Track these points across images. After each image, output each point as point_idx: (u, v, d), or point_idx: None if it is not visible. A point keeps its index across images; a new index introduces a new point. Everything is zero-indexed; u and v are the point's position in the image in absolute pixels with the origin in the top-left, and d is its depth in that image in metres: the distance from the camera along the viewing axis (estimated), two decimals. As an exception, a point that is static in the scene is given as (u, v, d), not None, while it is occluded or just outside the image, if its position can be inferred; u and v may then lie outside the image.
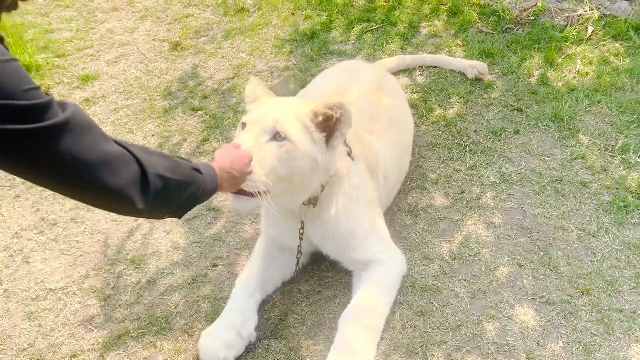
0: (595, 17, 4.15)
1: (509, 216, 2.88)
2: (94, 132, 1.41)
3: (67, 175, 1.37)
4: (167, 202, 1.61)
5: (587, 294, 2.50)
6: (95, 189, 1.41)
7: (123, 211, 1.55)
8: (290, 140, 2.11)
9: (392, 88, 3.16)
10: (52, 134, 1.29)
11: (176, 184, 1.61)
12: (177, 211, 1.76)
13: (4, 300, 2.65)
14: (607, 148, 3.22)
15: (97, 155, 1.39)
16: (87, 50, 4.45)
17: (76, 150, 1.34)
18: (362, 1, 4.74)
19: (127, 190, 1.45)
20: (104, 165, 1.40)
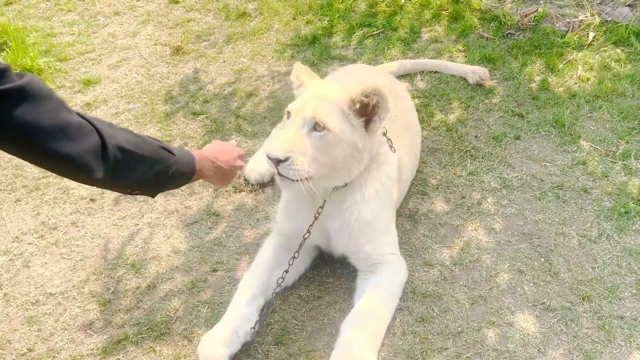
0: (596, 23, 4.15)
1: (510, 222, 2.88)
2: (52, 101, 1.45)
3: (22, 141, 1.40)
4: (129, 174, 1.64)
5: (588, 301, 2.49)
6: (50, 155, 1.45)
7: (82, 179, 1.59)
8: (329, 129, 2.19)
9: (402, 91, 3.18)
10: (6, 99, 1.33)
11: (139, 158, 1.64)
12: (146, 188, 1.79)
13: (4, 305, 2.65)
14: (608, 154, 3.21)
15: (53, 122, 1.43)
16: (88, 55, 4.46)
17: (30, 116, 1.38)
18: (363, 6, 4.75)
19: (84, 158, 1.49)
20: (59, 133, 1.43)
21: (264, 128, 3.57)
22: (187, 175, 1.88)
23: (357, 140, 2.27)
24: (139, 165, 1.65)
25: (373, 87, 2.22)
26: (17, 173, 3.34)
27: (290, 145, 2.17)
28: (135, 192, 1.79)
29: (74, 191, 3.21)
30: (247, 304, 2.42)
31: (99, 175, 1.54)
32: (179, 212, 3.07)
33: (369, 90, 2.22)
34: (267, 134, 3.46)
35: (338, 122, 2.22)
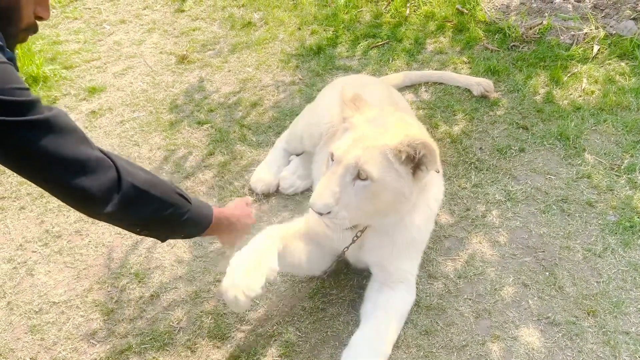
0: (601, 36, 4.16)
1: (515, 235, 2.87)
2: (76, 135, 1.52)
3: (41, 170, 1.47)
4: (140, 213, 1.67)
5: (593, 316, 2.48)
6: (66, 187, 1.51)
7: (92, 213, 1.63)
8: (373, 179, 2.09)
9: (403, 103, 3.17)
10: (33, 129, 1.40)
11: (152, 198, 1.67)
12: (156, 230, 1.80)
13: (7, 313, 2.64)
14: (613, 167, 3.21)
15: (74, 155, 1.49)
16: (94, 62, 4.47)
17: (53, 148, 1.44)
18: (368, 17, 4.76)
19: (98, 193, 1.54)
20: (79, 166, 1.50)
21: (269, 138, 3.57)
22: (200, 225, 1.89)
23: (403, 187, 2.16)
24: (151, 206, 1.68)
25: (421, 140, 2.09)
26: (22, 181, 3.34)
27: (332, 197, 2.09)
28: (144, 232, 1.81)
29: (79, 199, 3.21)
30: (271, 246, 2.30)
31: (110, 209, 1.58)
32: (183, 221, 3.07)
33: (415, 143, 2.08)
34: (271, 144, 3.47)
35: (383, 171, 2.10)
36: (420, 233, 2.48)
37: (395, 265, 2.46)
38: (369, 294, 2.50)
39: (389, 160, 2.11)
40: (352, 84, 3.22)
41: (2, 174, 3.40)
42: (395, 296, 2.44)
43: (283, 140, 3.37)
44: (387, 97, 3.00)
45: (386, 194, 2.15)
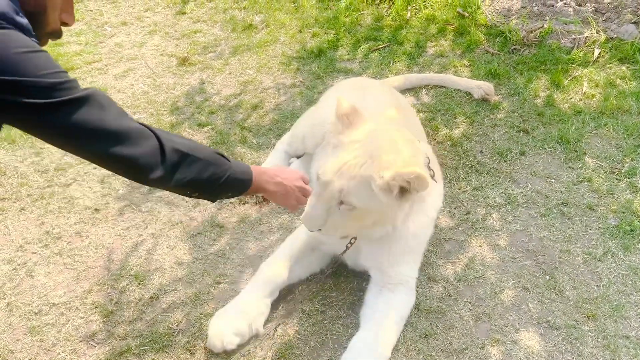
0: (601, 40, 4.16)
1: (515, 238, 2.87)
2: (115, 108, 1.63)
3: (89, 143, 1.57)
4: (186, 175, 1.77)
5: (593, 320, 2.48)
6: (114, 157, 1.61)
7: (142, 179, 1.73)
8: (356, 207, 2.16)
9: (407, 107, 3.18)
10: (78, 106, 1.51)
11: (194, 159, 1.78)
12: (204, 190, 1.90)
13: (7, 314, 2.64)
14: (614, 171, 3.21)
15: (117, 127, 1.59)
16: (95, 64, 4.48)
17: (99, 122, 1.55)
18: (369, 20, 4.77)
19: (145, 159, 1.65)
20: (123, 136, 1.60)
21: (269, 140, 3.58)
22: (245, 183, 1.96)
23: (387, 209, 2.20)
24: (195, 167, 1.78)
25: (414, 174, 2.06)
26: (22, 182, 3.35)
27: (320, 219, 2.21)
28: (195, 194, 1.91)
29: (79, 201, 3.21)
30: (264, 296, 2.50)
31: (158, 174, 1.69)
32: (183, 223, 3.07)
33: (409, 177, 2.06)
34: (271, 146, 3.47)
35: (366, 201, 2.14)
36: (417, 239, 2.49)
37: (394, 270, 2.47)
38: (369, 297, 2.50)
39: (375, 190, 2.11)
40: (355, 86, 3.26)
41: (2, 175, 3.40)
42: (394, 299, 2.43)
43: (284, 142, 3.37)
44: (391, 100, 3.00)
45: (371, 215, 2.24)
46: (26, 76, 1.44)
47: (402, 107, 3.00)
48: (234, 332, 2.38)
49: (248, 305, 2.47)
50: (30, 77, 1.44)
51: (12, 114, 1.48)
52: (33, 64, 1.46)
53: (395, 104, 2.95)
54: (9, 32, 1.45)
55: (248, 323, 2.42)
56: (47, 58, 1.51)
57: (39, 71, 1.46)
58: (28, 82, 1.44)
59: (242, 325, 2.40)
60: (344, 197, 2.14)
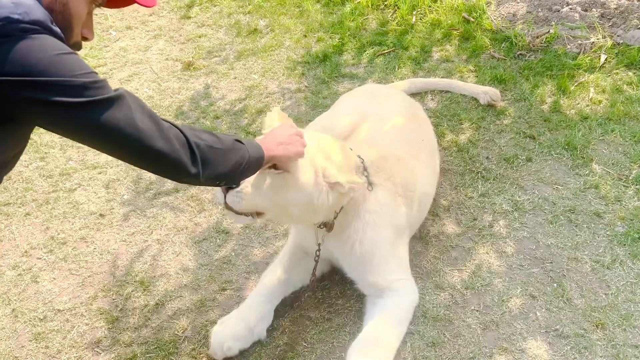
0: (608, 45, 4.15)
1: (522, 246, 2.85)
2: (145, 107, 1.67)
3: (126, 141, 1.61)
4: (215, 167, 1.82)
5: (601, 328, 2.46)
6: (151, 153, 1.65)
7: (177, 175, 1.77)
8: (289, 171, 2.13)
9: (420, 113, 3.17)
10: (105, 105, 1.56)
11: (218, 152, 1.83)
12: (230, 178, 1.96)
13: (12, 320, 2.64)
14: (621, 178, 3.19)
15: (151, 124, 1.64)
16: (100, 68, 4.48)
17: (132, 120, 1.60)
18: (374, 25, 4.76)
19: (179, 155, 1.69)
20: (158, 133, 1.65)
21: (275, 145, 3.56)
22: (260, 161, 2.01)
23: (313, 197, 2.18)
24: (220, 159, 1.83)
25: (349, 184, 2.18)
26: (27, 187, 3.34)
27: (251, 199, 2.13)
28: (222, 183, 2.00)
29: (84, 206, 3.20)
30: (265, 301, 2.48)
31: (193, 170, 1.73)
32: (188, 229, 3.06)
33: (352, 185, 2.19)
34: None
35: (301, 170, 2.15)
36: (365, 247, 2.42)
37: (366, 279, 2.47)
38: (367, 306, 2.51)
39: (315, 171, 2.19)
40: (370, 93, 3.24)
41: (7, 180, 3.40)
42: (386, 303, 2.42)
43: None
44: (407, 108, 3.03)
45: (297, 193, 2.16)
46: (61, 76, 1.50)
47: (415, 116, 3.02)
48: (234, 337, 2.37)
49: (248, 310, 2.46)
50: (65, 77, 1.51)
51: (47, 114, 1.54)
52: (68, 65, 1.53)
53: (410, 113, 2.98)
54: (46, 37, 1.53)
55: (248, 327, 2.40)
56: (79, 59, 1.58)
57: (73, 72, 1.52)
58: (64, 82, 1.50)
59: (241, 329, 2.39)
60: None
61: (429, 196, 2.84)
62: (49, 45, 1.53)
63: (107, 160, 3.52)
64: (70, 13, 1.68)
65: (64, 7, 1.67)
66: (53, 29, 1.57)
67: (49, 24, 1.56)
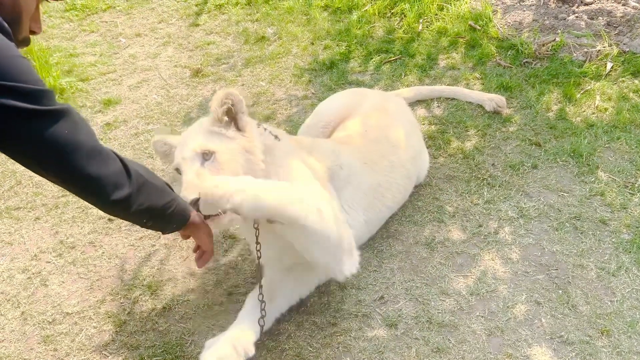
0: (614, 53, 4.16)
1: (527, 252, 2.86)
2: (87, 127, 1.62)
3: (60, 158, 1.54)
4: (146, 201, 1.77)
5: (607, 335, 2.46)
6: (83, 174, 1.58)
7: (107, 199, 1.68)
8: (215, 150, 2.27)
9: (393, 109, 3.24)
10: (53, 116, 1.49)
11: (152, 186, 1.79)
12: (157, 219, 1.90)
13: (21, 323, 2.67)
14: (627, 185, 3.20)
15: (90, 145, 1.58)
16: (110, 75, 4.54)
17: (72, 137, 1.53)
18: (380, 32, 4.80)
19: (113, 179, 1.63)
20: (94, 154, 1.59)
21: (281, 152, 3.59)
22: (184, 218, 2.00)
23: (240, 143, 2.34)
24: (153, 193, 1.80)
25: (224, 91, 2.34)
26: (37, 191, 3.38)
27: (193, 184, 2.19)
28: (149, 223, 1.91)
29: (93, 210, 3.24)
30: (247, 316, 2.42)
31: (124, 194, 1.67)
32: (196, 234, 3.09)
33: (221, 97, 2.32)
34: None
35: (217, 141, 2.31)
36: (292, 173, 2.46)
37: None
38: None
39: (215, 132, 2.33)
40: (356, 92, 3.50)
41: (17, 185, 3.45)
42: None
43: None
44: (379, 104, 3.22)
45: (234, 156, 2.30)
46: (15, 80, 1.43)
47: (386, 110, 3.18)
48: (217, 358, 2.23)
49: (232, 328, 2.37)
50: (19, 82, 1.43)
51: None
52: (24, 70, 1.47)
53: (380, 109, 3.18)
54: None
55: (232, 345, 2.27)
56: (31, 66, 1.53)
57: (26, 77, 1.46)
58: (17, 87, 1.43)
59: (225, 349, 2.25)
60: (201, 146, 2.27)
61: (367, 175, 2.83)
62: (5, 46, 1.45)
63: (116, 165, 3.56)
64: (20, 6, 1.62)
65: (14, 1, 1.60)
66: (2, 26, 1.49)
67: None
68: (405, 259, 2.86)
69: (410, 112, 3.40)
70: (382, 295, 2.68)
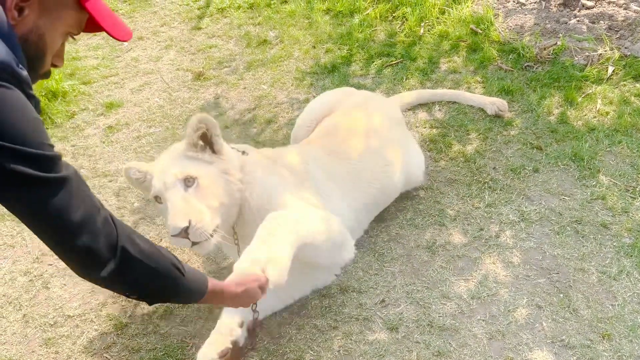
0: (615, 57, 4.16)
1: (528, 256, 2.86)
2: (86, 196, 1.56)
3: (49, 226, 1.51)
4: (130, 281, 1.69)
5: (608, 339, 2.46)
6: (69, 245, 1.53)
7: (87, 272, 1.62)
8: (196, 176, 2.30)
9: (377, 107, 3.28)
10: (53, 185, 1.46)
11: (145, 268, 1.68)
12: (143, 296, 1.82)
13: (23, 326, 2.68)
14: (628, 189, 3.20)
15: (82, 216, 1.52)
16: (112, 78, 4.55)
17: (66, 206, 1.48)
18: (382, 36, 4.81)
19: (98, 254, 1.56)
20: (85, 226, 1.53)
21: (283, 155, 3.60)
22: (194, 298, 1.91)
23: (218, 166, 2.39)
24: (144, 275, 1.70)
25: (196, 117, 2.37)
26: (40, 194, 3.40)
27: (183, 211, 2.21)
28: (133, 296, 1.83)
29: (95, 213, 3.25)
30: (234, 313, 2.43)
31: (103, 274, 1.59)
32: (197, 237, 3.09)
33: (195, 122, 2.36)
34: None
35: (197, 166, 2.34)
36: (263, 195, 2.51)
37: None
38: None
39: (192, 157, 2.37)
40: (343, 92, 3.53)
41: (20, 187, 3.46)
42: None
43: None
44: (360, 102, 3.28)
45: (215, 180, 2.35)
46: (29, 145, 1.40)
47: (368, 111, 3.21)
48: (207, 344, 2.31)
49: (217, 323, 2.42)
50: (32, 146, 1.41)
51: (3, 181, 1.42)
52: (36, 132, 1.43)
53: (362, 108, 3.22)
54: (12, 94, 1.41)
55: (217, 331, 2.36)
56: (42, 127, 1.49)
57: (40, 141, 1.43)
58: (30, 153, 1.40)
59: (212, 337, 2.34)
60: (182, 173, 2.29)
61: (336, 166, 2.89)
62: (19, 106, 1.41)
63: (117, 168, 3.58)
64: (45, 44, 1.59)
65: (40, 38, 1.57)
66: (17, 73, 1.43)
67: (14, 67, 1.42)
68: (407, 263, 2.86)
69: (395, 111, 3.43)
70: (383, 299, 2.69)
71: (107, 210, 1.63)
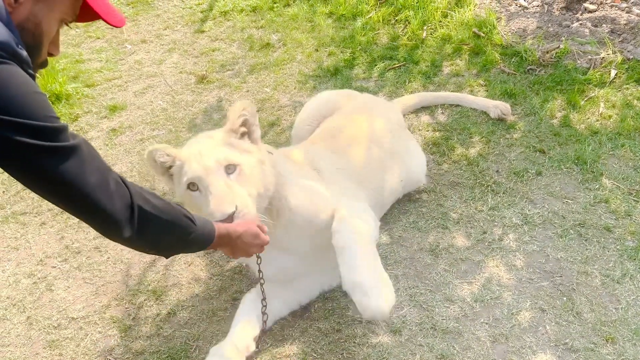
0: (618, 61, 4.17)
1: (532, 259, 2.86)
2: (98, 161, 1.63)
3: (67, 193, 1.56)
4: (151, 237, 1.76)
5: (612, 343, 2.45)
6: (89, 209, 1.60)
7: (111, 235, 1.70)
8: (238, 162, 2.26)
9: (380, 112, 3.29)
10: (63, 154, 1.51)
11: (162, 222, 1.76)
12: (163, 250, 1.90)
13: (27, 328, 2.68)
14: (631, 192, 3.20)
15: (98, 179, 1.59)
16: (115, 81, 4.57)
17: (79, 172, 1.54)
18: (385, 39, 4.82)
19: (117, 217, 1.62)
20: (101, 191, 1.59)
21: (286, 158, 3.61)
22: (204, 244, 1.97)
23: (256, 155, 2.35)
24: (160, 229, 1.77)
25: (240, 104, 2.36)
26: (43, 196, 3.40)
27: (229, 196, 2.15)
28: (153, 252, 1.91)
29: (98, 216, 3.26)
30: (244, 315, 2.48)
31: (126, 234, 1.66)
32: (201, 239, 3.10)
33: (238, 109, 2.34)
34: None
35: (239, 154, 2.30)
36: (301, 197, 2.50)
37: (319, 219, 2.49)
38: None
39: (233, 144, 2.32)
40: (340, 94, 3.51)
41: (23, 190, 3.46)
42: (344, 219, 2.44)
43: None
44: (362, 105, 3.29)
45: (254, 167, 2.30)
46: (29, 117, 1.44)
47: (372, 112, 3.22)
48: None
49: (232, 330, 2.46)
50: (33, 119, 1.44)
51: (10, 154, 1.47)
52: (37, 105, 1.47)
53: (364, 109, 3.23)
54: (12, 69, 1.45)
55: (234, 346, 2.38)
56: (46, 100, 1.54)
57: (41, 113, 1.47)
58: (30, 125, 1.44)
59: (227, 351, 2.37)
60: (225, 159, 2.24)
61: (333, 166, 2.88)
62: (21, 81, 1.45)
63: (121, 171, 3.59)
64: (42, 31, 1.62)
65: (36, 27, 1.60)
66: (18, 53, 1.48)
67: (14, 46, 1.46)
68: (410, 266, 2.86)
69: (397, 115, 3.43)
70: (387, 302, 2.68)
71: (116, 173, 1.68)
